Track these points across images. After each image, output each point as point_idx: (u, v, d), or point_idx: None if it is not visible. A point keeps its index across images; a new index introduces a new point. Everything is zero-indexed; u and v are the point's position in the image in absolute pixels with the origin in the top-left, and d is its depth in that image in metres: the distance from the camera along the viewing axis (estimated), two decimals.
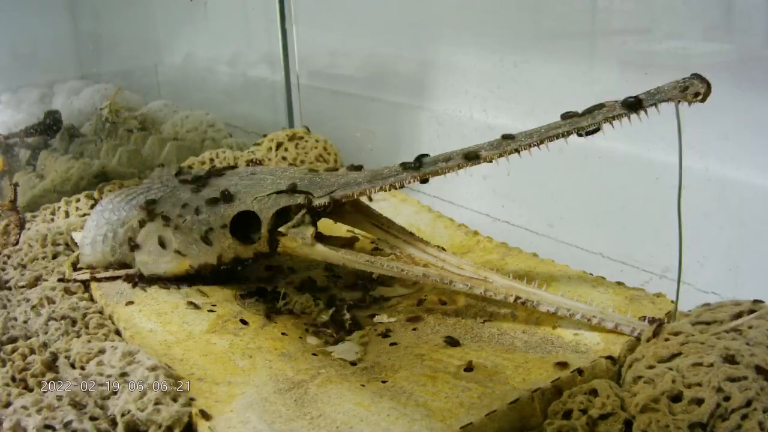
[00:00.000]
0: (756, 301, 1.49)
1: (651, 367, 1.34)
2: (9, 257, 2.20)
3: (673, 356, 1.35)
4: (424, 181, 1.67)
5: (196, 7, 4.05)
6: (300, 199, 1.79)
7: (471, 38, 2.57)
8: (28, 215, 2.57)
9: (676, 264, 1.44)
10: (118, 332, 1.75)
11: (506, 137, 1.57)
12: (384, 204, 2.29)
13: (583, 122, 1.48)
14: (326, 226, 2.00)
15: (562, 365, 1.46)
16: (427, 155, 1.68)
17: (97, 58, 4.73)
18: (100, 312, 1.84)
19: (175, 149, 3.27)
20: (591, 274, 1.87)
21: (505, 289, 1.62)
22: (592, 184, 2.19)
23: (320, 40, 3.45)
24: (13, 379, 1.51)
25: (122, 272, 2.00)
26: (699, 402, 1.22)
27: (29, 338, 1.70)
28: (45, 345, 1.65)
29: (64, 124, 3.69)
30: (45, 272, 2.08)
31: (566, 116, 1.52)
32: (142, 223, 1.97)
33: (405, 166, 1.68)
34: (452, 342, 1.62)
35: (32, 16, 4.22)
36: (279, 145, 2.95)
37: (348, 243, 2.02)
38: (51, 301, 1.88)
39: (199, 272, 1.91)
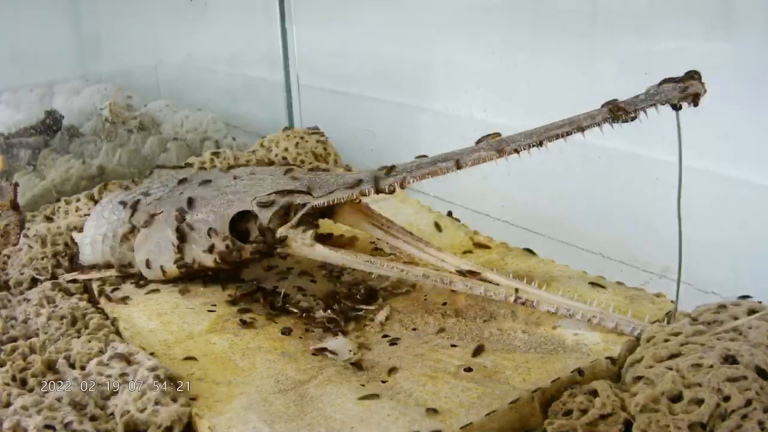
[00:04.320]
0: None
1: (650, 367, 1.34)
2: (9, 257, 2.20)
3: (673, 356, 1.35)
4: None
5: (196, 7, 4.05)
6: (300, 199, 1.79)
7: (471, 38, 2.57)
8: (28, 215, 2.57)
9: (676, 264, 1.44)
10: (118, 332, 1.75)
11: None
12: (384, 204, 2.29)
13: (585, 122, 1.48)
14: (326, 226, 2.00)
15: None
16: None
17: (97, 58, 4.73)
18: (101, 312, 1.84)
19: (175, 149, 3.27)
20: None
21: (505, 289, 1.62)
22: (592, 184, 2.19)
23: (320, 40, 3.45)
24: (14, 378, 1.51)
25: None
26: (699, 402, 1.22)
27: (29, 338, 1.69)
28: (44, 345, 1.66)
29: (64, 124, 3.69)
30: (44, 272, 2.07)
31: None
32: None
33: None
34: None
35: (32, 15, 4.22)
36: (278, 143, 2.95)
37: (348, 243, 2.02)
38: (51, 301, 1.88)
39: (198, 272, 1.91)
